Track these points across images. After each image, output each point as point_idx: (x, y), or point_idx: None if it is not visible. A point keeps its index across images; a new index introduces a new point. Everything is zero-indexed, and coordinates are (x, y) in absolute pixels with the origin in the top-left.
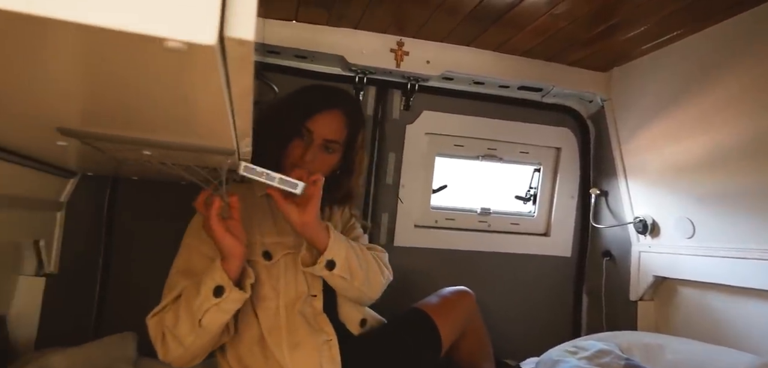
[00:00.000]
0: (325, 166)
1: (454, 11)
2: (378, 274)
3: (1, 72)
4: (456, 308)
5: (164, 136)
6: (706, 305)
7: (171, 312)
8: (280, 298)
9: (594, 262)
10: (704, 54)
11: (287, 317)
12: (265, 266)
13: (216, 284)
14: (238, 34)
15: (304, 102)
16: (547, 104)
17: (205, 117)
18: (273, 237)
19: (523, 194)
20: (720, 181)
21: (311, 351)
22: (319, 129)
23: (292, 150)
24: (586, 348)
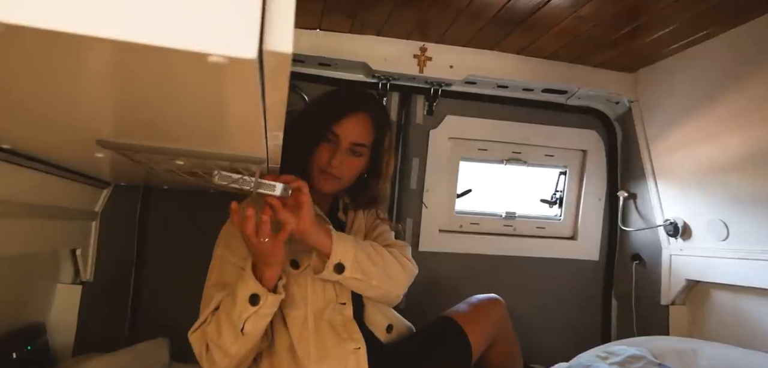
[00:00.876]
0: (352, 170)
1: (478, 16)
2: (398, 267)
3: (46, 87)
4: (486, 317)
5: (198, 145)
6: (741, 309)
7: (213, 324)
8: (308, 307)
9: (623, 266)
10: (735, 52)
11: (315, 326)
12: (293, 274)
13: (250, 292)
14: (278, 47)
15: (330, 106)
16: (572, 106)
17: (239, 127)
18: (300, 245)
19: (548, 198)
20: (755, 181)
21: (338, 362)
22: (346, 133)
23: (319, 155)
24: (617, 353)
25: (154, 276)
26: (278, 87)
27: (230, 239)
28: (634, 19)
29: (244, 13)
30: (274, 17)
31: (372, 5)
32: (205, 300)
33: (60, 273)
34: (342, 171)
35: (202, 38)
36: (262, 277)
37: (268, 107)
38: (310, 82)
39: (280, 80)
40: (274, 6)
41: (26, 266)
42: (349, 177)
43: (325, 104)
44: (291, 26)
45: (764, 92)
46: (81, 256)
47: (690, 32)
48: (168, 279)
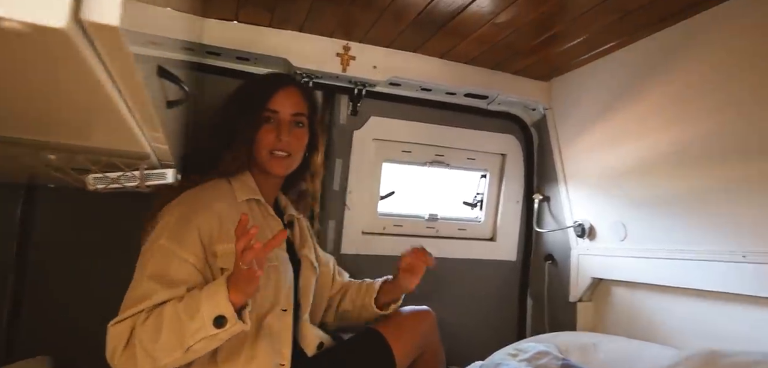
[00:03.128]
0: (300, 143)
1: (400, 17)
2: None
3: None
4: (414, 330)
5: (63, 138)
6: (637, 304)
7: (150, 325)
8: (252, 311)
9: (537, 265)
10: (635, 65)
11: (254, 328)
12: None
13: (219, 313)
14: (99, 17)
15: (259, 88)
16: (493, 111)
17: (98, 117)
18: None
19: (470, 200)
20: (650, 186)
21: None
22: (284, 106)
23: (263, 137)
24: (526, 350)
25: (36, 285)
26: (124, 69)
27: (179, 229)
28: (548, 29)
29: None
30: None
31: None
32: (141, 292)
33: None
34: (291, 145)
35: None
36: (235, 300)
37: (125, 94)
38: (227, 77)
39: (122, 61)
40: None
41: None
42: (299, 151)
43: (253, 87)
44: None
45: (658, 103)
46: None
47: (596, 45)
48: (54, 289)
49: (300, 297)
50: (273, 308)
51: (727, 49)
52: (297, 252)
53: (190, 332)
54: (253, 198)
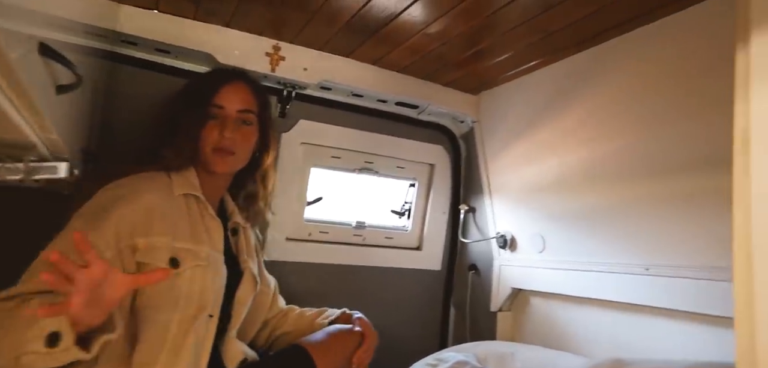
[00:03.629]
0: (247, 141)
1: (332, 20)
2: None
3: None
4: (343, 348)
5: None
6: (552, 313)
7: (4, 314)
8: (176, 312)
9: (461, 275)
10: (555, 84)
11: (177, 334)
12: (169, 274)
13: (52, 329)
14: None
15: (205, 83)
16: (424, 121)
17: None
18: (186, 244)
19: (398, 209)
20: (566, 200)
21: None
22: (230, 102)
23: (208, 134)
24: (446, 360)
25: None
26: None
27: (98, 214)
28: (477, 43)
29: None
30: None
31: None
32: (30, 271)
33: None
34: (235, 143)
35: None
36: (78, 321)
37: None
38: (145, 70)
39: None
40: None
41: None
42: (245, 150)
43: (199, 82)
44: None
45: (575, 122)
46: None
47: (523, 61)
48: None
49: (233, 308)
50: (200, 312)
51: (634, 73)
52: (240, 263)
53: (25, 339)
54: (191, 194)
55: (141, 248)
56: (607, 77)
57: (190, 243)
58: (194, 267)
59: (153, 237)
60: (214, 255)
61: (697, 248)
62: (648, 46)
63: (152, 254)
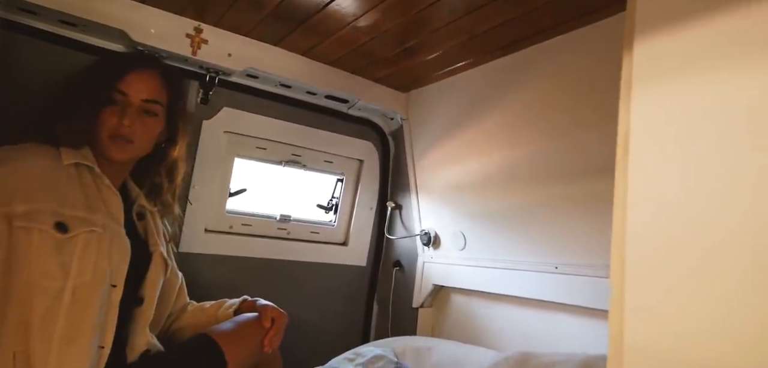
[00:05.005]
0: (148, 132)
1: (259, 5)
2: None
3: None
4: (252, 336)
5: None
6: (471, 310)
7: None
8: (68, 279)
9: (386, 271)
10: (478, 87)
11: (73, 302)
12: (54, 238)
13: None
14: None
15: (113, 65)
16: (353, 116)
17: None
18: (77, 211)
19: (325, 203)
20: (485, 200)
21: (85, 351)
22: (135, 90)
23: (106, 119)
24: (363, 354)
25: None
26: None
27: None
28: (407, 40)
29: None
30: None
31: None
32: None
33: None
34: (134, 132)
35: None
36: None
37: None
38: (49, 43)
39: None
40: None
41: None
42: (144, 140)
43: (107, 63)
44: None
45: (495, 125)
46: None
47: (450, 62)
48: None
49: (145, 290)
50: (99, 281)
51: (548, 82)
52: (148, 245)
53: None
54: (83, 163)
55: (20, 213)
56: (525, 84)
57: (82, 211)
58: (87, 233)
59: (35, 203)
60: (112, 225)
61: (597, 249)
62: (561, 56)
63: (34, 218)
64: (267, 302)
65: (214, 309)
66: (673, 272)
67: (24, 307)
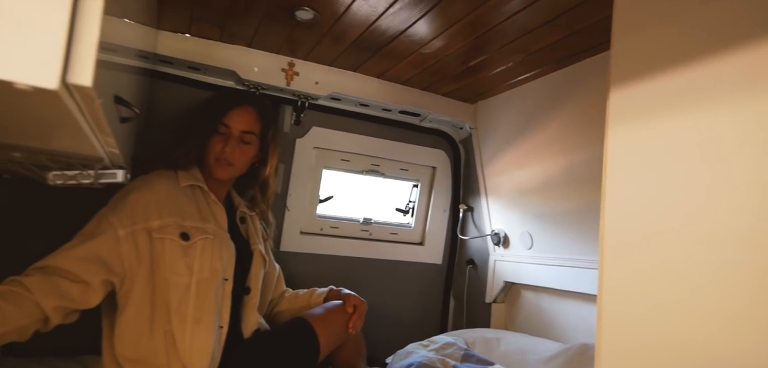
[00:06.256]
0: (244, 156)
1: (340, 40)
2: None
3: None
4: (338, 321)
5: (33, 142)
6: (540, 305)
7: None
8: (193, 275)
9: (460, 269)
10: (537, 98)
11: (198, 293)
12: (180, 246)
13: None
14: (79, 80)
15: (219, 103)
16: (425, 128)
17: (67, 133)
18: (194, 223)
19: (402, 207)
20: (549, 202)
21: (209, 329)
22: (235, 123)
23: (213, 146)
24: (436, 341)
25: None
26: (90, 106)
27: (119, 202)
28: (470, 60)
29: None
30: (77, 62)
31: (240, 19)
32: (67, 245)
33: None
34: (234, 157)
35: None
36: None
37: (89, 117)
38: (181, 85)
39: (90, 100)
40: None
41: None
42: (241, 163)
43: (215, 101)
44: (89, 69)
45: (555, 131)
46: None
47: (512, 75)
48: (8, 268)
49: (249, 281)
50: (214, 276)
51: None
52: (250, 244)
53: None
54: (196, 185)
55: (155, 227)
56: (579, 94)
57: (198, 222)
58: (203, 240)
59: (165, 218)
60: (220, 232)
61: None
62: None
63: (165, 230)
64: (350, 291)
65: (306, 296)
66: (636, 259)
67: (164, 297)
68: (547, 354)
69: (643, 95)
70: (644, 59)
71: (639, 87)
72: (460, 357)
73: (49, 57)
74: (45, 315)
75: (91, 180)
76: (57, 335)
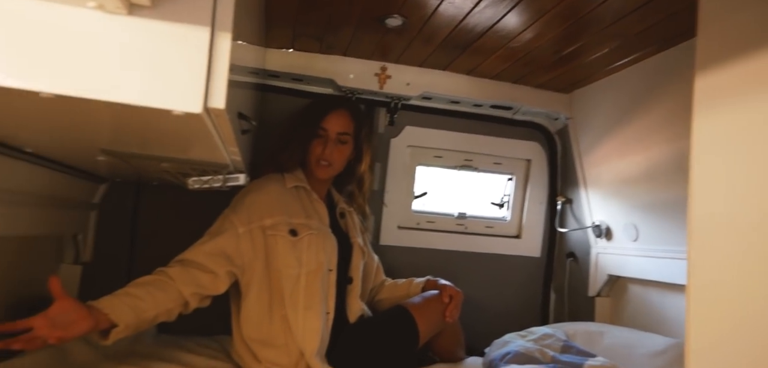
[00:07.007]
0: (342, 156)
1: (429, 41)
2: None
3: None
4: (436, 309)
5: (177, 154)
6: (649, 299)
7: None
8: (302, 267)
9: (560, 262)
10: (637, 84)
11: (306, 283)
12: (290, 241)
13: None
14: (214, 104)
15: (317, 109)
16: (518, 120)
17: (204, 146)
18: (300, 220)
19: (497, 201)
20: (655, 192)
21: (318, 315)
22: (332, 126)
23: (313, 149)
24: (535, 332)
25: (144, 259)
26: (223, 125)
27: (238, 204)
28: (564, 48)
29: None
30: (214, 90)
31: (337, 30)
32: (198, 241)
33: (64, 255)
34: (333, 157)
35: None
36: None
37: (221, 132)
38: (286, 95)
39: (223, 121)
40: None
41: (37, 247)
42: (340, 162)
43: (313, 108)
44: (223, 95)
45: (662, 117)
46: (81, 240)
47: (610, 61)
48: (157, 261)
49: (352, 272)
50: (320, 267)
51: None
52: (350, 238)
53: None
54: (300, 186)
55: (268, 225)
56: (687, 76)
57: (303, 219)
58: (309, 235)
59: (275, 217)
60: (323, 228)
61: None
62: None
63: (277, 228)
64: (446, 282)
65: (405, 285)
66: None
67: (278, 286)
68: (656, 348)
69: (731, 78)
70: (731, 42)
71: (726, 71)
72: (560, 348)
73: (195, 89)
74: (185, 299)
75: (220, 183)
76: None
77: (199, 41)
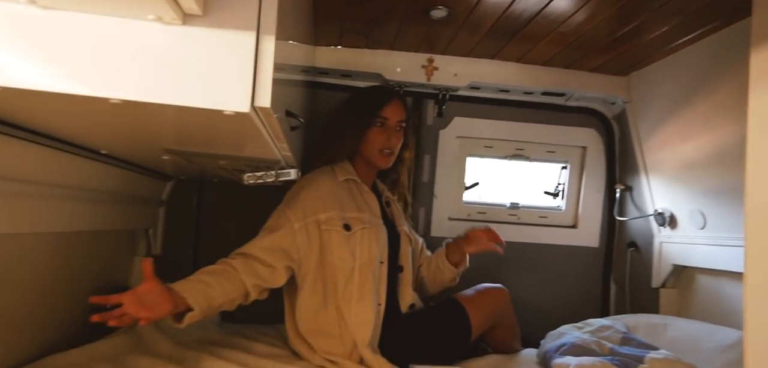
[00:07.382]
0: (399, 144)
1: (475, 31)
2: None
3: (137, 123)
4: (489, 302)
5: (233, 152)
6: (720, 290)
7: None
8: (356, 261)
9: (620, 252)
10: (700, 62)
11: (360, 275)
12: (344, 235)
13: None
14: (260, 104)
15: (374, 98)
16: (571, 106)
17: (256, 143)
18: (353, 213)
19: (551, 190)
20: (724, 176)
21: (370, 307)
22: (392, 115)
23: (373, 138)
24: (591, 324)
25: (208, 250)
26: (270, 121)
27: (292, 199)
28: (619, 29)
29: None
30: (260, 90)
31: (383, 24)
32: (256, 237)
33: (137, 247)
34: (395, 145)
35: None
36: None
37: (270, 130)
38: (334, 91)
39: (269, 117)
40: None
41: (114, 241)
42: (397, 150)
43: (368, 97)
44: (269, 93)
45: (729, 97)
46: (152, 234)
47: (671, 39)
48: (219, 253)
49: (402, 260)
50: (372, 260)
51: None
52: (396, 227)
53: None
54: (350, 178)
55: (322, 220)
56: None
57: (356, 212)
58: (362, 229)
59: (329, 212)
60: (375, 220)
61: None
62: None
63: (331, 223)
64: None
65: (435, 259)
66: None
67: (333, 279)
68: (726, 342)
69: None
70: None
71: None
72: (619, 340)
73: (243, 90)
74: (247, 290)
75: (273, 179)
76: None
77: (245, 45)
